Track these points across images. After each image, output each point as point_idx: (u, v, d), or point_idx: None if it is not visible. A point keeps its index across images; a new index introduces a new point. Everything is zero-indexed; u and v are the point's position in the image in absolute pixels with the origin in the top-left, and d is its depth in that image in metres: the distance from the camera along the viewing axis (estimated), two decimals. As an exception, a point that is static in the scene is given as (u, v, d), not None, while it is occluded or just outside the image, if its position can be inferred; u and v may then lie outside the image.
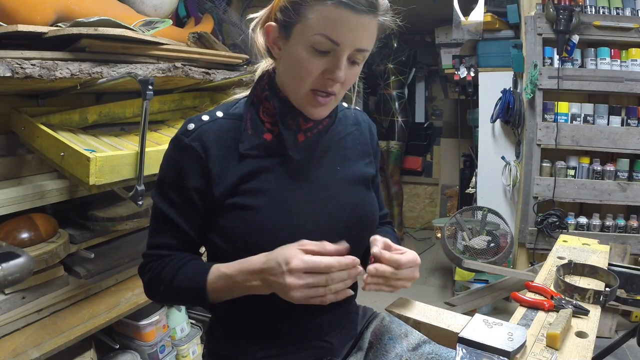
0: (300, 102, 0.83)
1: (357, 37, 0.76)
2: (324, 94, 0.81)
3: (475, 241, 2.74)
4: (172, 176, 0.85)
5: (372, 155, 1.00)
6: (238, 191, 0.82)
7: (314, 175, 0.88)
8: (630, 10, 2.57)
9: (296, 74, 0.80)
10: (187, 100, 2.15)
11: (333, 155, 0.92)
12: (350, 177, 0.92)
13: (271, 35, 0.83)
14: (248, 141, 0.85)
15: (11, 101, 1.51)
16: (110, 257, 1.77)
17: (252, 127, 0.86)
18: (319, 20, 0.75)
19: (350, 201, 0.90)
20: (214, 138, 0.83)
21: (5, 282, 0.87)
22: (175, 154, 0.85)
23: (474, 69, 3.02)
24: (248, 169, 0.83)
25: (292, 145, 0.85)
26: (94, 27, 1.30)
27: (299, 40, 0.78)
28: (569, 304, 1.03)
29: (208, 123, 0.85)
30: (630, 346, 1.83)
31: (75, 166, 1.30)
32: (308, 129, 0.87)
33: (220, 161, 0.83)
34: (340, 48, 0.76)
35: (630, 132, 2.56)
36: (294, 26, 0.78)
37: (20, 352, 1.32)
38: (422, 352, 0.88)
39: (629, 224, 2.62)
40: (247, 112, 0.87)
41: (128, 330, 1.83)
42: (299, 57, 0.78)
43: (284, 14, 0.79)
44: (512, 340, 0.84)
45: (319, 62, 0.78)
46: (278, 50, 0.83)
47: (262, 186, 0.83)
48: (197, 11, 2.52)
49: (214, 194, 0.83)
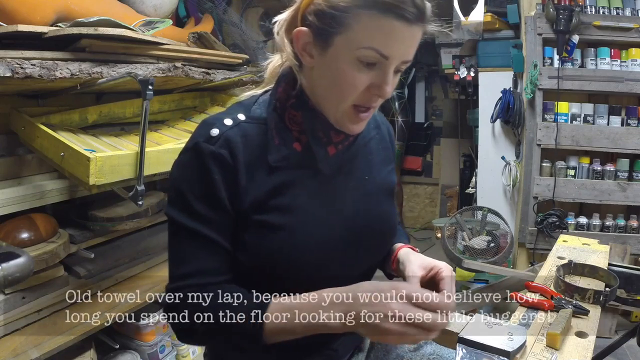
0: (339, 118, 0.76)
1: (407, 49, 0.70)
2: (365, 108, 0.74)
3: (475, 241, 2.73)
4: (200, 188, 0.74)
5: (392, 162, 0.94)
6: (265, 207, 0.75)
7: (342, 188, 0.82)
8: (630, 10, 2.57)
9: (337, 89, 0.72)
10: (187, 100, 2.15)
11: (360, 162, 0.86)
12: (377, 187, 0.87)
13: (301, 41, 0.74)
14: (276, 152, 0.77)
15: (11, 101, 1.51)
16: (110, 257, 1.77)
17: (279, 135, 0.78)
18: (367, 32, 0.67)
19: (378, 216, 0.85)
20: (241, 146, 0.75)
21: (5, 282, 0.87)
22: (200, 163, 0.74)
23: (474, 69, 3.02)
24: (277, 182, 0.76)
25: (322, 159, 0.79)
26: (94, 27, 1.30)
27: (342, 53, 0.70)
28: (569, 304, 1.03)
29: (233, 128, 0.76)
30: (630, 346, 1.83)
31: (75, 166, 1.30)
32: (339, 141, 0.80)
33: (247, 171, 0.75)
34: (389, 61, 0.69)
35: (630, 132, 2.56)
36: (334, 36, 0.69)
37: (20, 352, 1.32)
38: (424, 353, 0.88)
39: (629, 224, 2.62)
40: (270, 118, 0.79)
41: (128, 330, 1.83)
42: (342, 71, 0.70)
43: (321, 20, 0.70)
44: (512, 340, 0.84)
45: (364, 76, 0.70)
46: (310, 58, 0.74)
47: (292, 203, 0.76)
48: (197, 11, 2.52)
49: (240, 207, 0.75)
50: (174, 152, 1.56)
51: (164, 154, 1.51)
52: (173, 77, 1.63)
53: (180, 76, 1.65)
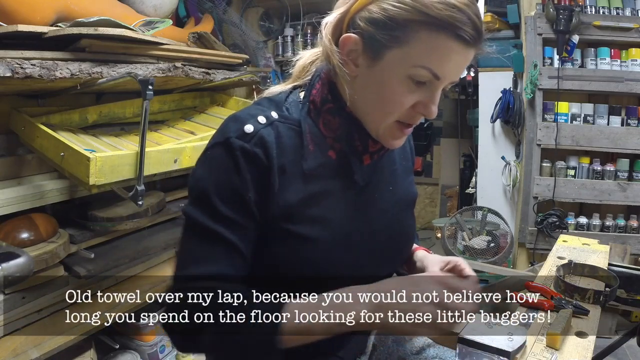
0: (382, 133, 0.73)
1: (459, 70, 0.68)
2: (408, 124, 0.72)
3: (475, 241, 2.74)
4: (226, 187, 0.68)
5: (412, 173, 0.92)
6: (298, 216, 0.71)
7: (371, 200, 0.79)
8: (630, 10, 2.57)
9: (382, 104, 0.69)
10: (187, 100, 2.15)
11: (385, 172, 0.83)
12: (402, 199, 0.85)
13: (347, 48, 0.69)
14: (312, 159, 0.73)
15: (11, 101, 1.51)
16: (110, 257, 1.77)
17: (314, 142, 0.74)
18: (424, 50, 0.65)
19: (400, 229, 0.84)
20: (276, 146, 0.70)
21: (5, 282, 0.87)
22: (231, 160, 0.68)
23: (474, 69, 3.02)
24: (311, 191, 0.72)
25: (358, 169, 0.76)
26: (94, 27, 1.30)
27: (394, 68, 0.67)
28: (569, 304, 1.03)
29: (267, 127, 0.70)
30: (630, 346, 1.83)
31: (75, 166, 1.30)
32: (375, 151, 0.77)
33: (281, 174, 0.70)
34: (440, 82, 0.67)
35: (630, 132, 2.56)
36: (388, 49, 0.66)
37: (20, 352, 1.32)
38: (426, 356, 0.88)
39: (629, 224, 2.62)
40: (304, 122, 0.74)
41: (128, 330, 1.83)
42: (390, 87, 0.67)
43: (374, 30, 0.66)
44: (512, 340, 0.84)
45: (413, 94, 0.68)
46: (354, 67, 0.70)
47: (325, 215, 0.72)
48: (197, 11, 2.52)
49: (270, 213, 0.70)
50: (174, 152, 1.58)
51: (164, 154, 1.51)
52: (173, 77, 1.63)
53: (180, 76, 1.65)
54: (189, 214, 0.70)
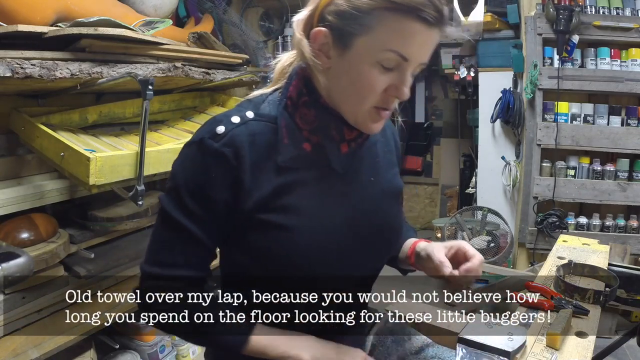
0: (360, 120, 0.75)
1: (426, 52, 0.71)
2: (384, 108, 0.74)
3: (475, 241, 2.74)
4: (194, 184, 0.74)
5: (397, 166, 0.93)
6: (272, 206, 0.74)
7: (350, 190, 0.81)
8: (630, 10, 2.57)
9: (357, 91, 0.72)
10: (187, 100, 2.15)
11: (366, 164, 0.85)
12: (384, 190, 0.86)
13: (318, 42, 0.72)
14: (286, 152, 0.76)
15: (11, 101, 1.51)
16: (110, 257, 1.76)
17: (289, 135, 0.77)
18: (390, 34, 0.68)
19: (383, 218, 0.85)
20: (247, 144, 0.73)
21: (5, 282, 0.88)
22: (201, 160, 0.74)
23: (474, 69, 3.02)
24: (284, 182, 0.75)
25: (335, 158, 0.78)
26: (94, 27, 1.30)
27: (363, 55, 0.70)
28: (569, 304, 1.03)
29: (240, 126, 0.74)
30: (630, 346, 1.83)
31: (75, 166, 1.30)
32: (352, 139, 0.79)
33: (252, 171, 0.74)
34: (408, 64, 0.70)
35: (630, 132, 2.56)
36: (355, 38, 0.69)
37: (20, 352, 1.32)
38: (425, 355, 0.88)
39: (629, 224, 2.62)
40: (281, 117, 0.77)
41: (128, 330, 1.83)
42: (362, 73, 0.70)
43: (342, 21, 0.70)
44: (512, 340, 0.84)
45: (383, 78, 0.70)
46: (326, 59, 0.73)
47: (299, 203, 0.75)
48: (197, 11, 2.52)
49: (244, 207, 0.74)
50: (174, 152, 1.56)
51: (164, 154, 1.51)
52: (173, 77, 1.63)
53: (180, 76, 1.65)
54: (163, 202, 0.77)
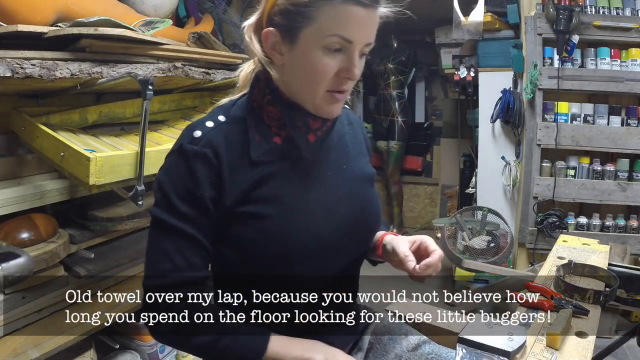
0: (318, 105, 0.80)
1: (368, 31, 0.76)
2: (339, 91, 0.80)
3: (475, 241, 2.74)
4: (183, 188, 0.79)
5: (367, 155, 0.98)
6: (250, 198, 0.79)
7: (323, 177, 0.86)
8: (630, 10, 2.57)
9: (311, 78, 0.78)
10: (187, 100, 2.15)
11: (337, 153, 0.90)
12: (356, 175, 0.91)
13: (269, 41, 0.79)
14: (258, 148, 0.81)
15: (11, 101, 1.51)
16: (110, 257, 1.77)
17: (259, 133, 0.83)
18: (331, 21, 0.74)
19: (360, 201, 0.89)
20: (224, 145, 0.80)
21: (5, 282, 0.88)
22: (185, 164, 0.79)
23: (474, 69, 3.02)
24: (259, 175, 0.80)
25: (304, 147, 0.83)
26: (94, 27, 1.30)
27: (310, 44, 0.75)
28: (569, 304, 1.03)
29: (214, 129, 0.81)
30: (630, 346, 1.83)
31: (75, 166, 1.30)
32: (317, 128, 0.84)
33: (230, 168, 0.79)
34: (354, 45, 0.75)
35: (630, 132, 2.56)
36: (300, 30, 0.75)
37: (20, 352, 1.32)
38: (422, 353, 0.88)
39: (629, 224, 2.62)
40: (250, 118, 0.84)
41: (128, 330, 1.83)
42: (313, 60, 0.76)
43: (286, 18, 0.76)
44: (512, 340, 0.84)
45: (333, 62, 0.76)
46: (280, 56, 0.80)
47: (275, 193, 0.80)
48: (197, 11, 2.52)
49: (225, 202, 0.79)
50: (174, 152, 1.57)
51: (164, 154, 1.48)
52: (173, 77, 1.63)
53: (180, 76, 1.65)
54: (155, 215, 0.80)
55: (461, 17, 2.85)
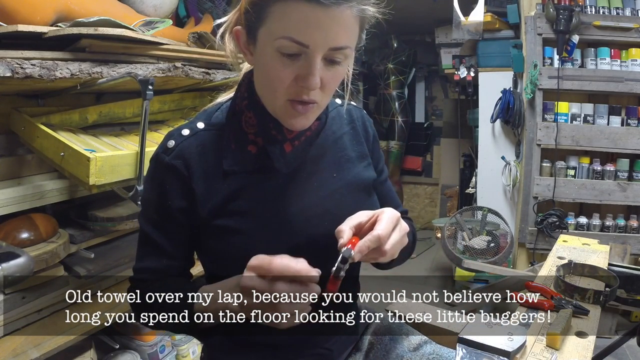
0: (278, 114, 0.74)
1: (329, 34, 0.65)
2: (300, 102, 0.70)
3: (475, 241, 2.74)
4: (154, 196, 0.80)
5: (369, 156, 0.89)
6: (225, 211, 0.76)
7: (306, 188, 0.80)
8: (630, 10, 2.57)
9: (268, 83, 0.71)
10: (187, 100, 2.15)
11: (329, 160, 0.83)
12: (349, 184, 0.83)
13: (241, 40, 0.74)
14: (231, 156, 0.77)
15: (11, 101, 1.51)
16: (110, 257, 1.77)
17: (235, 140, 0.78)
18: (281, 21, 0.65)
19: (349, 213, 0.75)
20: (196, 154, 0.77)
21: (5, 282, 0.89)
22: (157, 173, 0.79)
23: (474, 69, 3.02)
24: (233, 187, 0.77)
25: (278, 158, 0.77)
26: (94, 27, 1.30)
27: (265, 46, 0.68)
28: (569, 304, 1.03)
29: (189, 138, 0.78)
30: (630, 346, 1.83)
31: (75, 166, 1.30)
32: (295, 137, 0.78)
33: (204, 179, 0.77)
34: (311, 50, 0.66)
35: (630, 132, 2.56)
36: (257, 30, 0.69)
37: (20, 352, 1.32)
38: (423, 353, 0.88)
39: (629, 224, 2.62)
40: (229, 123, 0.80)
41: (128, 330, 1.83)
42: (267, 64, 0.69)
43: (246, 17, 0.71)
44: (512, 340, 0.84)
45: (289, 68, 0.67)
46: (250, 56, 0.75)
47: (250, 206, 0.76)
48: (197, 11, 2.52)
49: (200, 214, 0.77)
50: (174, 152, 1.57)
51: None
52: (173, 77, 1.63)
53: (180, 76, 1.65)
54: (138, 217, 0.85)
55: (461, 17, 2.85)
